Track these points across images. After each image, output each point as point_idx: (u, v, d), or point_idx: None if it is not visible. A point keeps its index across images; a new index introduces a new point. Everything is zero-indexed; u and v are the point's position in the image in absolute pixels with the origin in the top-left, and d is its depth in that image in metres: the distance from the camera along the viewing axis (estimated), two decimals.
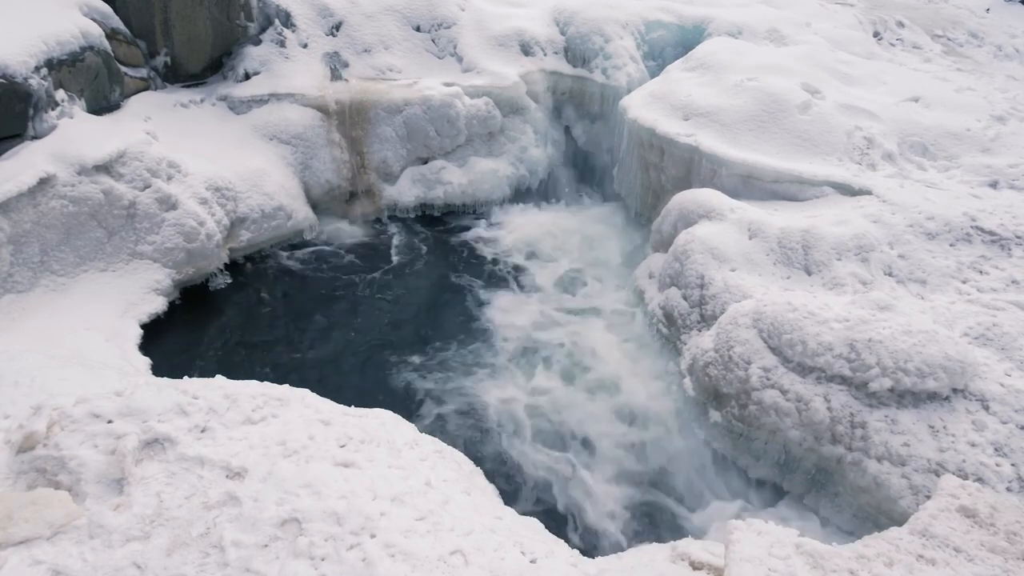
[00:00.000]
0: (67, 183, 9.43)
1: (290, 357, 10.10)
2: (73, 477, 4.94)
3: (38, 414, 5.34)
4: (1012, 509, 5.00)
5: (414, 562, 4.67)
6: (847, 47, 15.92)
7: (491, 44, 15.10)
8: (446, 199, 13.97)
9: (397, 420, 6.57)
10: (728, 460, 8.28)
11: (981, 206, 9.99)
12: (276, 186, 12.09)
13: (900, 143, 11.68)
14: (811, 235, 9.43)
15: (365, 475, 5.33)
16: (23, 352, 7.61)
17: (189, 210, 10.50)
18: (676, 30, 16.51)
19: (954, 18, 20.06)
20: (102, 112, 11.21)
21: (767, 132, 11.51)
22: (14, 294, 8.89)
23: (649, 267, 11.27)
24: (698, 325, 9.43)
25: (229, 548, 4.56)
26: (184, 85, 13.11)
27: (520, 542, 5.26)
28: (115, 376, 7.61)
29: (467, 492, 5.86)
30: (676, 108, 12.50)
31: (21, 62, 9.41)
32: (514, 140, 14.64)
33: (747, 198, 10.79)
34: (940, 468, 6.79)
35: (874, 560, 4.55)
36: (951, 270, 9.14)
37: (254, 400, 5.85)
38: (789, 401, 7.68)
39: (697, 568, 5.29)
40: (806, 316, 7.93)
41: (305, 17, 14.10)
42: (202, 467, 5.11)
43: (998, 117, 12.57)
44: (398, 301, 11.61)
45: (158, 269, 10.18)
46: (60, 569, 4.33)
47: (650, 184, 12.93)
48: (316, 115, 13.09)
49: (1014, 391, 7.26)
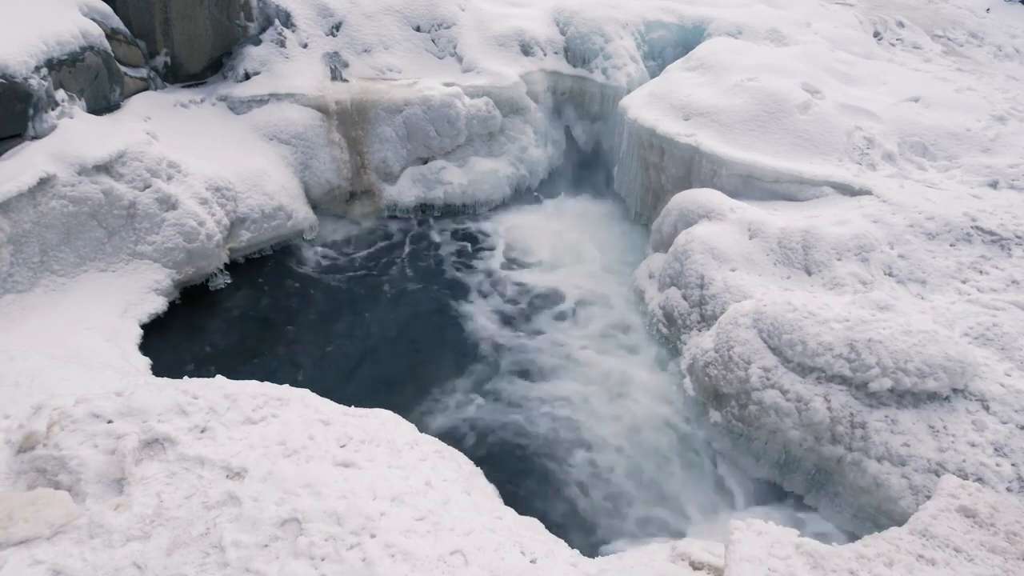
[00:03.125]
0: (67, 183, 9.43)
1: (290, 357, 10.10)
2: (73, 477, 4.94)
3: (38, 414, 5.35)
4: (1012, 509, 5.00)
5: (414, 562, 4.67)
6: (847, 47, 15.92)
7: (491, 44, 15.10)
8: (446, 199, 13.97)
9: (397, 420, 6.58)
10: (728, 460, 8.28)
11: (981, 206, 9.99)
12: (276, 186, 12.09)
13: (900, 143, 11.68)
14: (811, 235, 9.43)
15: (365, 475, 5.33)
16: (23, 352, 7.62)
17: (189, 210, 10.50)
18: (676, 30, 16.52)
19: (954, 18, 20.06)
20: (102, 112, 11.21)
21: (767, 132, 11.50)
22: (14, 294, 8.89)
23: (649, 267, 11.27)
24: (698, 325, 9.43)
25: (229, 548, 4.56)
26: (184, 85, 13.11)
27: (520, 542, 5.27)
28: (115, 376, 7.62)
29: (467, 492, 5.86)
30: (676, 108, 12.50)
31: (21, 62, 9.41)
32: (514, 140, 14.65)
33: (747, 198, 10.79)
34: (940, 468, 6.79)
35: (874, 560, 4.56)
36: (951, 270, 9.14)
37: (254, 400, 5.85)
38: (789, 401, 7.68)
39: (697, 568, 5.29)
40: (806, 316, 7.94)
41: (305, 17, 14.10)
42: (202, 467, 5.11)
43: (998, 117, 12.57)
44: (398, 301, 11.61)
45: (158, 269, 10.18)
46: (60, 569, 4.33)
47: (650, 184, 12.93)
48: (316, 115, 13.08)
49: (1014, 391, 7.27)
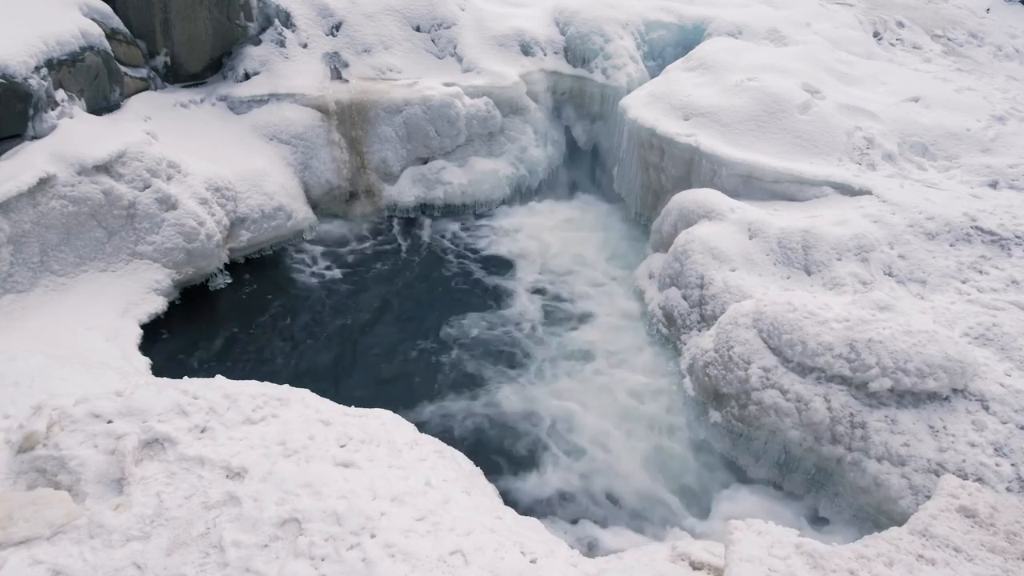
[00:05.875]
0: (67, 183, 9.43)
1: (290, 357, 10.10)
2: (73, 477, 4.94)
3: (38, 414, 5.34)
4: (1012, 509, 5.00)
5: (414, 562, 4.67)
6: (847, 47, 15.92)
7: (491, 44, 15.10)
8: (446, 199, 13.97)
9: (397, 420, 6.58)
10: (728, 460, 8.28)
11: (981, 206, 9.99)
12: (276, 186, 12.09)
13: (900, 143, 11.68)
14: (811, 235, 9.43)
15: (365, 475, 5.33)
16: (23, 352, 7.62)
17: (189, 210, 10.50)
18: (676, 30, 16.52)
19: (954, 18, 20.06)
20: (102, 112, 11.21)
21: (767, 132, 11.50)
22: (14, 294, 8.89)
23: (649, 267, 11.27)
24: (698, 325, 9.43)
25: (229, 548, 4.56)
26: (184, 85, 13.11)
27: (520, 542, 5.27)
28: (115, 376, 7.62)
29: (467, 492, 5.86)
30: (676, 108, 12.50)
31: (21, 62, 9.41)
32: (514, 140, 14.65)
33: (747, 198, 10.79)
34: (940, 468, 6.79)
35: (874, 560, 4.56)
36: (951, 270, 9.13)
37: (254, 400, 5.85)
38: (789, 401, 7.68)
39: (697, 568, 5.28)
40: (806, 316, 7.93)
41: (305, 17, 14.10)
42: (202, 467, 5.11)
43: (998, 117, 12.57)
44: (398, 301, 11.61)
45: (158, 269, 10.18)
46: (60, 569, 4.33)
47: (650, 184, 12.93)
48: (316, 115, 13.09)
49: (1014, 391, 7.26)
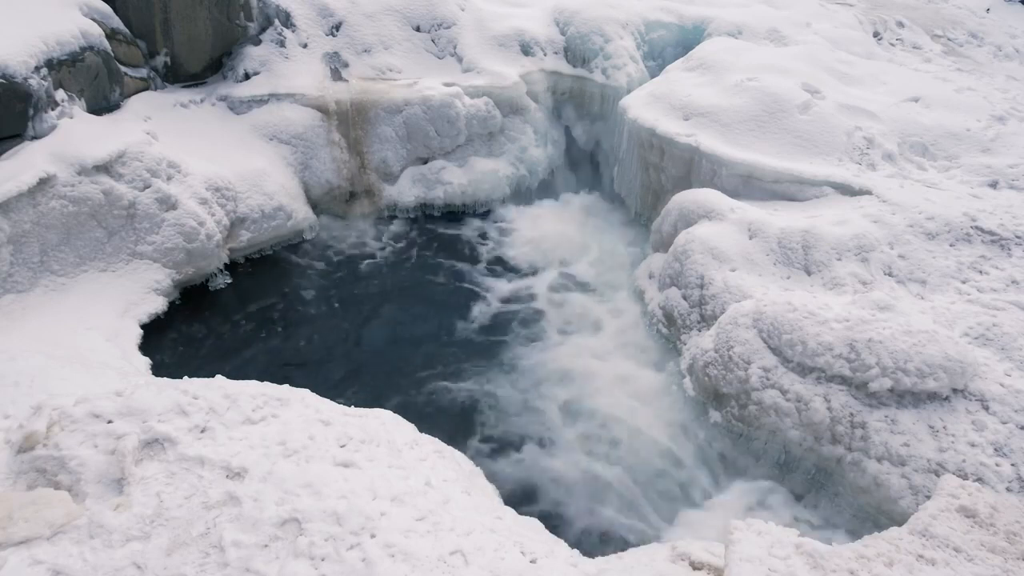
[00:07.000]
0: (67, 183, 9.43)
1: (290, 357, 10.09)
2: (73, 477, 4.94)
3: (38, 414, 5.34)
4: (1012, 509, 5.00)
5: (414, 562, 4.67)
6: (847, 47, 15.91)
7: (491, 44, 15.09)
8: (446, 199, 13.97)
9: (397, 420, 6.57)
10: (728, 460, 8.27)
11: (981, 206, 9.99)
12: (276, 186, 12.09)
13: (900, 143, 11.68)
14: (811, 235, 9.43)
15: (365, 475, 5.33)
16: (23, 352, 7.62)
17: (189, 210, 10.51)
18: (676, 30, 16.51)
19: (954, 18, 20.05)
20: (102, 112, 11.21)
21: (767, 132, 11.50)
22: (14, 294, 8.89)
23: (649, 267, 11.27)
24: (698, 325, 9.43)
25: (229, 548, 4.56)
26: (184, 85, 13.11)
27: (520, 542, 5.27)
28: (115, 376, 7.62)
29: (467, 492, 5.86)
30: (676, 108, 12.49)
31: (21, 62, 9.42)
32: (514, 140, 14.64)
33: (747, 198, 10.78)
34: (940, 468, 6.79)
35: (874, 560, 4.56)
36: (951, 270, 9.13)
37: (254, 400, 5.85)
38: (789, 401, 7.68)
39: (697, 568, 5.28)
40: (806, 316, 7.93)
41: (305, 17, 14.10)
42: (202, 467, 5.11)
43: (998, 117, 12.57)
44: (398, 301, 11.61)
45: (158, 269, 10.18)
46: (60, 569, 4.33)
47: (650, 184, 12.93)
48: (316, 115, 13.09)
49: (1014, 391, 7.26)
